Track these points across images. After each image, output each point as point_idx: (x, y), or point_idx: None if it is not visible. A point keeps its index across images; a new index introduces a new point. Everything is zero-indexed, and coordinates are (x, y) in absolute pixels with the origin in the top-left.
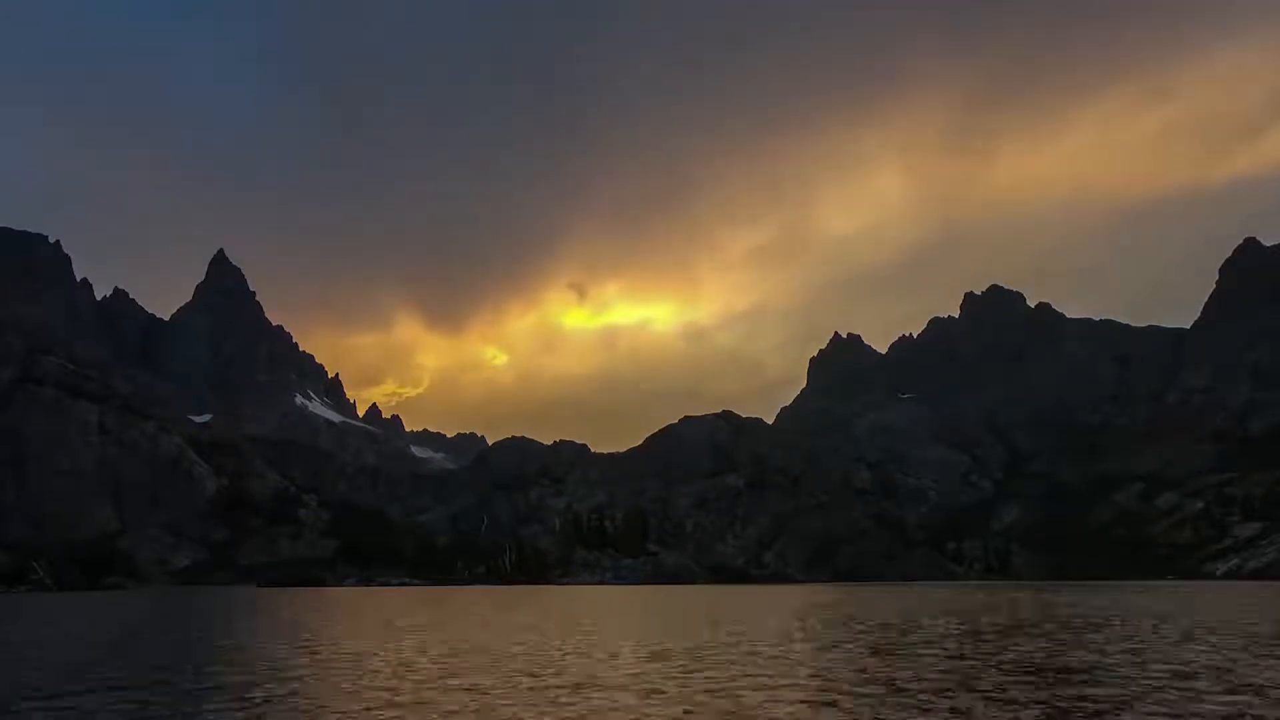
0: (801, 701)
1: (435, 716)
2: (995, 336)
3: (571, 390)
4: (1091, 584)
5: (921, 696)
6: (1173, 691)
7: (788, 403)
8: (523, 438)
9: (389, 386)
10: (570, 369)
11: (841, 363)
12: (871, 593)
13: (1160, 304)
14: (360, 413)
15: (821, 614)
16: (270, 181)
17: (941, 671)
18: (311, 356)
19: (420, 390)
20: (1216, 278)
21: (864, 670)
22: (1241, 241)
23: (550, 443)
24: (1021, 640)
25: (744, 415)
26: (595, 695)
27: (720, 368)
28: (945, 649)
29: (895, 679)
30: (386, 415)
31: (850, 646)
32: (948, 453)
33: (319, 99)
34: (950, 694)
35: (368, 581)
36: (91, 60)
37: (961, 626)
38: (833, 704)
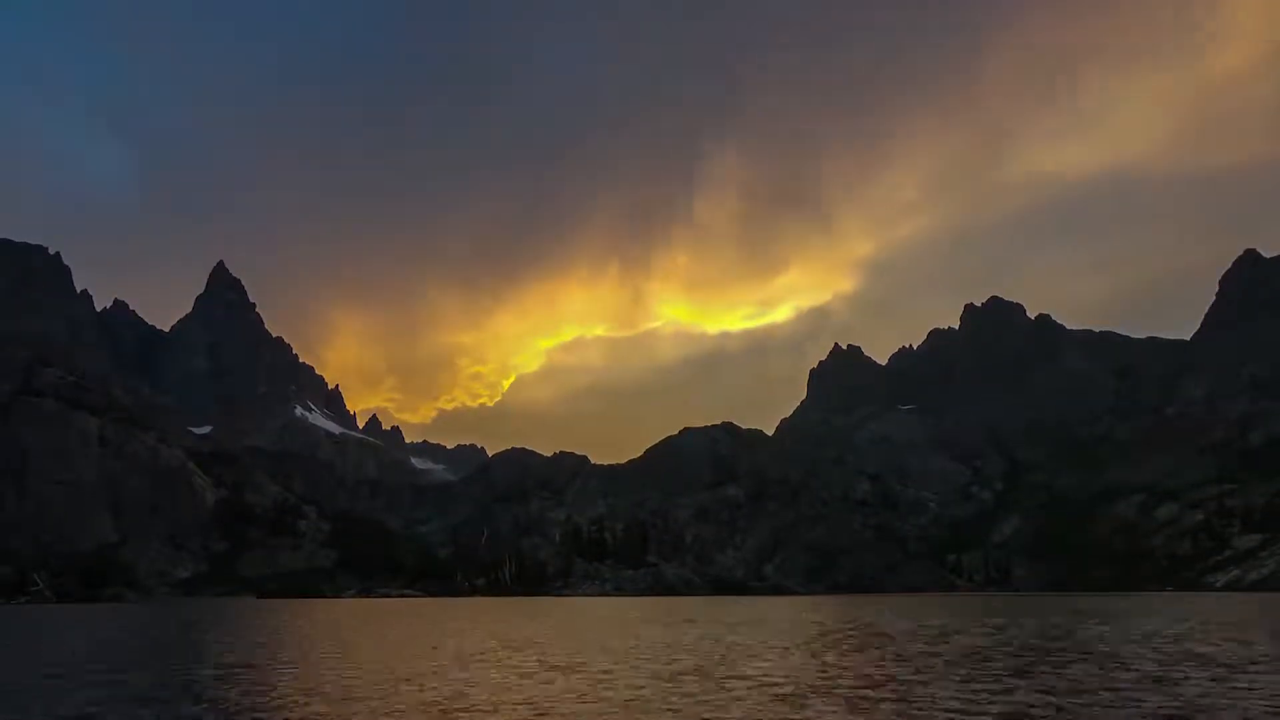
0: None
1: None
2: (995, 348)
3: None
4: (1085, 595)
5: None
6: None
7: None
8: (523, 449)
9: (462, 394)
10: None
11: (841, 374)
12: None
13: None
14: (361, 424)
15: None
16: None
17: None
18: (311, 368)
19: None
20: (1216, 289)
21: None
22: (1241, 253)
23: (550, 454)
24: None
25: (744, 426)
26: None
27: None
28: None
29: None
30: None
31: None
32: (948, 464)
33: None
34: None
35: (368, 593)
36: (91, 65)
37: None
38: None
